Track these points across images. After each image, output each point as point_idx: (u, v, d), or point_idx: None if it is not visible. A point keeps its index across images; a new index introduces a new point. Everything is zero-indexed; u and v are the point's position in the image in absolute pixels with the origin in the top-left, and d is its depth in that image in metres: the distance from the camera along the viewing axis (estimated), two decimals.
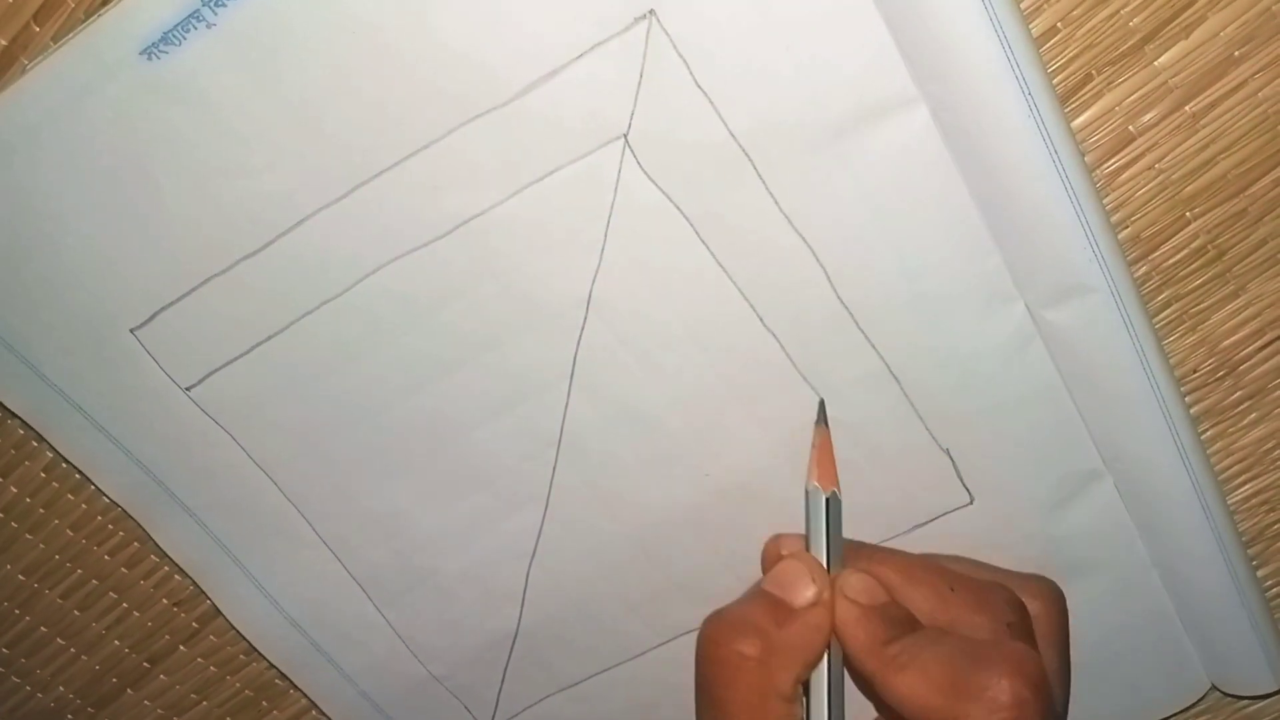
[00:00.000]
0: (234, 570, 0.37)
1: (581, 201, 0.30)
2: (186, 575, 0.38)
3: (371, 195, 0.30)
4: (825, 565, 0.31)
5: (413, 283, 0.31)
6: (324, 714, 0.41)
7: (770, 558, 0.32)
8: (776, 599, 0.30)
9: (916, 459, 0.33)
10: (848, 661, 0.30)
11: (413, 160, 0.29)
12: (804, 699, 0.30)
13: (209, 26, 0.27)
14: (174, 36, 0.27)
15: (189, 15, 0.27)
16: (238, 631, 0.38)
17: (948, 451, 0.33)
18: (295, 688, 0.41)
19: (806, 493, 0.31)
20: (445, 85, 0.28)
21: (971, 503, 0.34)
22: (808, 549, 0.31)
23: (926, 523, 0.35)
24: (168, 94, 0.28)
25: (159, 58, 0.27)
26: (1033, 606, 0.32)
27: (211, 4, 0.27)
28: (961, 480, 0.34)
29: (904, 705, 0.28)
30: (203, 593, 0.38)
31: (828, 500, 0.31)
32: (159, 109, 0.28)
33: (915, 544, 0.35)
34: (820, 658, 0.30)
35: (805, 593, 0.30)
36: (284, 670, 0.39)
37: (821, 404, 0.32)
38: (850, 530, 0.34)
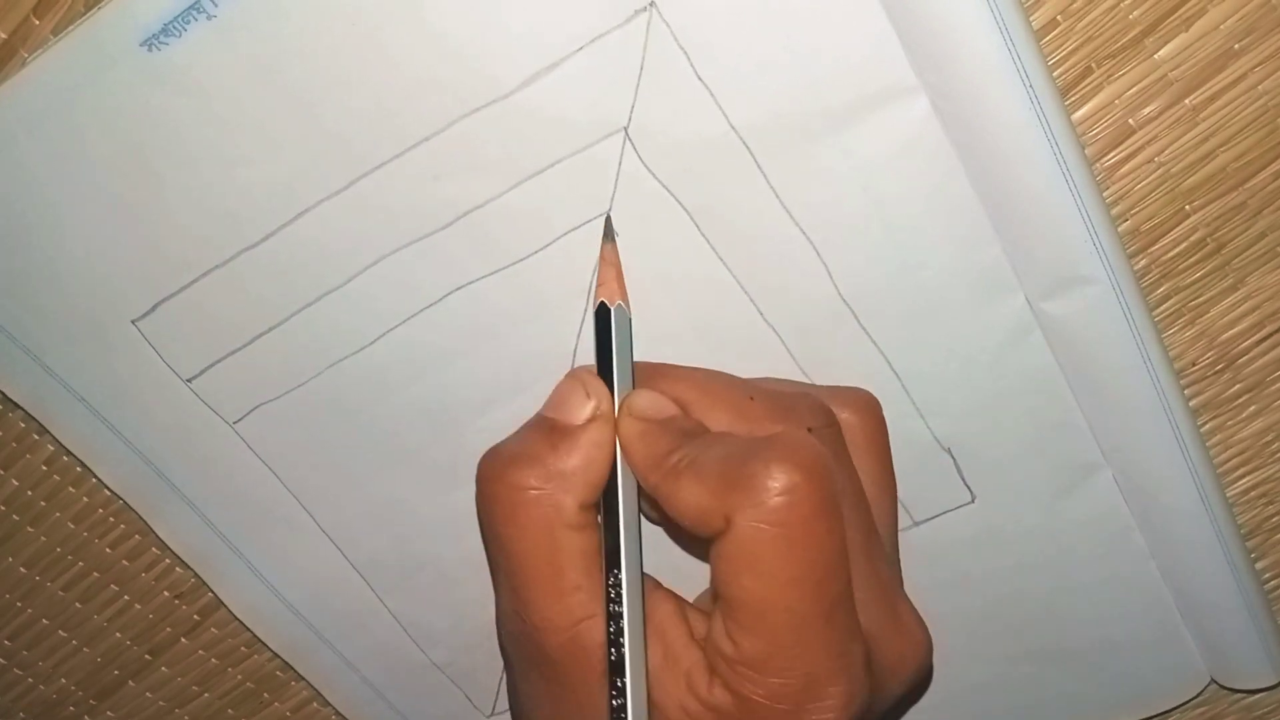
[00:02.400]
0: (234, 559, 0.37)
1: (582, 194, 0.30)
2: (188, 568, 0.38)
3: (372, 187, 0.30)
4: (611, 384, 0.29)
5: (413, 274, 0.31)
6: (326, 701, 0.41)
7: None
8: (554, 421, 0.28)
9: (917, 457, 0.33)
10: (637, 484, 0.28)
11: (413, 152, 0.29)
12: (599, 524, 0.29)
13: (209, 18, 0.27)
14: (174, 28, 0.27)
15: (189, 6, 0.27)
16: (239, 621, 0.38)
17: (949, 450, 0.33)
18: (296, 680, 0.41)
19: (593, 311, 0.29)
20: (446, 77, 0.28)
21: (973, 501, 0.34)
22: (599, 374, 0.29)
23: (926, 521, 0.35)
24: (168, 85, 0.28)
25: (159, 49, 0.27)
26: (845, 416, 0.30)
27: None
28: (963, 478, 0.34)
29: (681, 514, 0.27)
30: (204, 584, 0.38)
31: (613, 314, 0.29)
32: (160, 100, 0.28)
33: (916, 542, 0.35)
34: (604, 478, 0.28)
35: (582, 410, 0.28)
36: (285, 658, 0.39)
37: (608, 219, 0.30)
38: None
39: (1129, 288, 0.30)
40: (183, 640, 0.40)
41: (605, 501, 0.29)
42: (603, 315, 0.29)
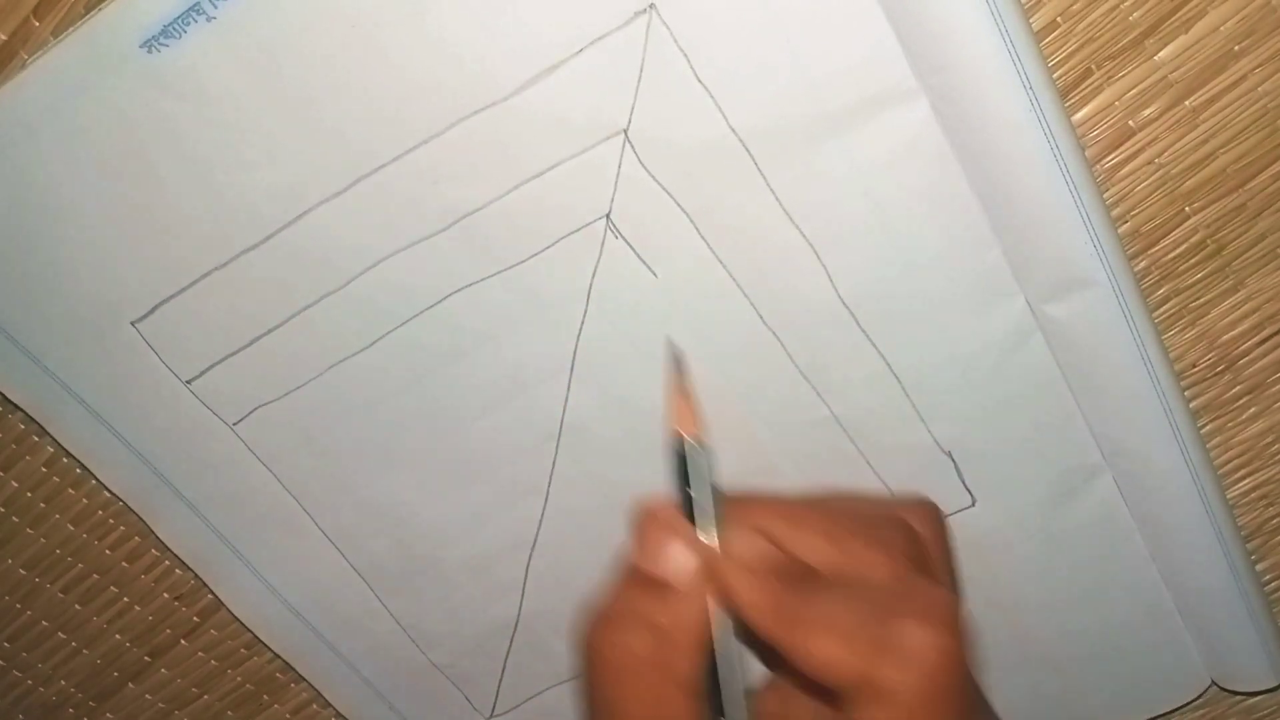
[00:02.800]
0: (235, 561, 0.37)
1: (582, 196, 0.30)
2: (187, 569, 0.38)
3: (372, 189, 0.30)
4: (699, 526, 0.28)
5: (413, 276, 0.31)
6: (326, 704, 0.41)
7: (637, 527, 0.29)
8: (654, 579, 0.27)
9: (919, 461, 0.33)
10: (746, 631, 0.27)
11: (413, 154, 0.29)
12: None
13: (209, 20, 0.27)
14: (174, 29, 0.27)
15: (189, 8, 0.27)
16: (240, 622, 0.38)
17: (950, 454, 0.33)
18: (295, 682, 0.41)
19: (673, 448, 0.28)
20: (445, 80, 0.28)
21: (974, 504, 0.34)
22: (681, 509, 0.28)
23: None
24: (168, 87, 0.28)
25: (159, 51, 0.27)
26: (918, 530, 0.30)
27: None
28: (964, 482, 0.34)
29: (817, 669, 0.26)
30: (204, 586, 0.38)
31: (696, 450, 0.28)
32: (160, 102, 0.28)
33: None
34: (707, 633, 0.27)
35: (684, 565, 0.27)
36: (286, 658, 0.39)
37: (671, 344, 0.30)
38: None
39: (1129, 289, 0.30)
40: (182, 642, 0.40)
41: (712, 655, 0.27)
42: (681, 453, 0.28)
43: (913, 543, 0.29)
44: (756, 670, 0.29)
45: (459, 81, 0.28)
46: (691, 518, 0.28)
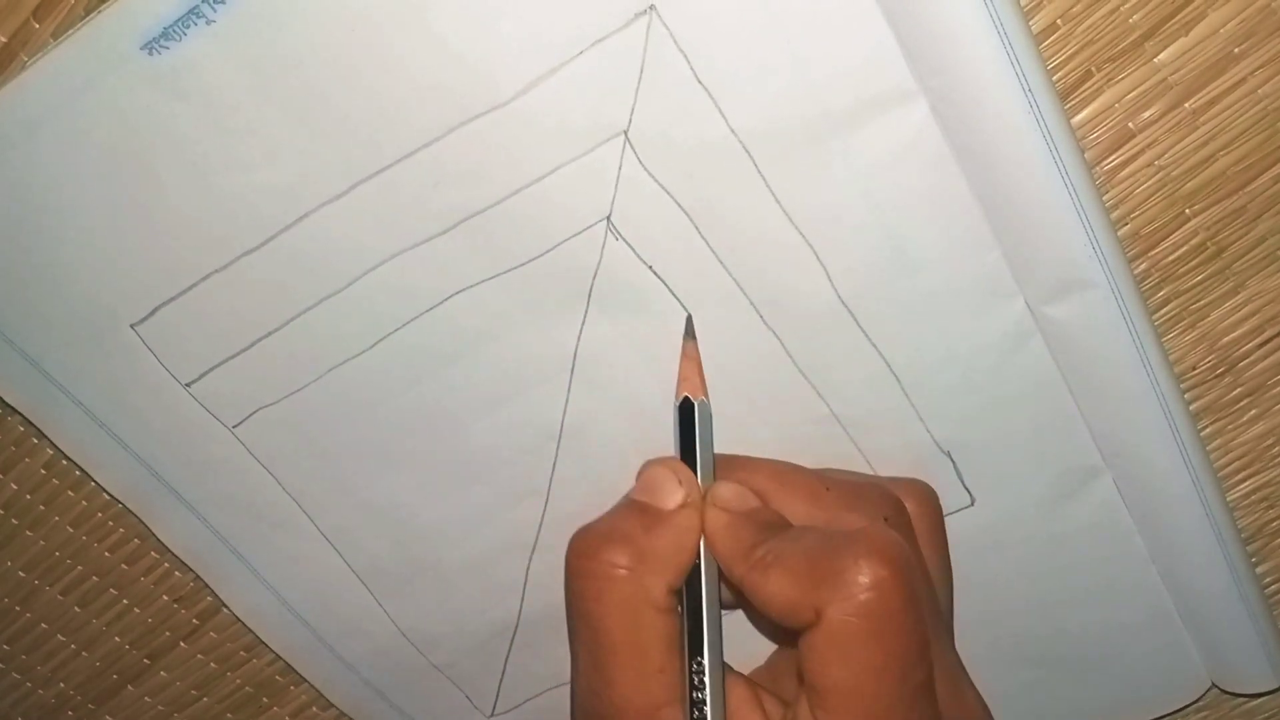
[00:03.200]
0: (235, 562, 0.37)
1: (582, 198, 0.30)
2: (187, 571, 0.38)
3: (372, 191, 0.30)
4: (695, 473, 0.30)
5: (414, 278, 0.31)
6: (325, 706, 0.41)
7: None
8: (645, 505, 0.29)
9: (917, 460, 0.33)
10: (721, 573, 0.29)
11: (414, 157, 0.29)
12: (679, 609, 0.29)
13: (209, 22, 0.27)
14: (174, 32, 0.27)
15: (189, 11, 0.27)
16: (241, 623, 0.38)
17: (949, 454, 0.33)
18: (295, 684, 0.41)
19: (676, 405, 0.31)
20: (446, 82, 0.28)
21: (972, 504, 0.34)
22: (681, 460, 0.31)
23: None
24: (168, 89, 0.28)
25: (160, 53, 0.27)
26: (909, 506, 0.31)
27: (212, 0, 0.27)
28: (962, 482, 0.34)
29: (769, 606, 0.28)
30: (203, 588, 0.38)
31: (696, 408, 0.31)
32: (159, 104, 0.28)
33: None
34: (691, 563, 0.29)
35: (673, 496, 0.29)
36: (286, 658, 0.39)
37: (689, 319, 0.31)
38: None
39: (1129, 292, 0.30)
40: (182, 644, 0.40)
41: (689, 589, 0.29)
42: (686, 409, 0.31)
43: (895, 510, 0.30)
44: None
45: (459, 84, 0.28)
46: (693, 469, 0.30)
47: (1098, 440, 0.33)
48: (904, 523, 0.30)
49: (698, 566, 0.29)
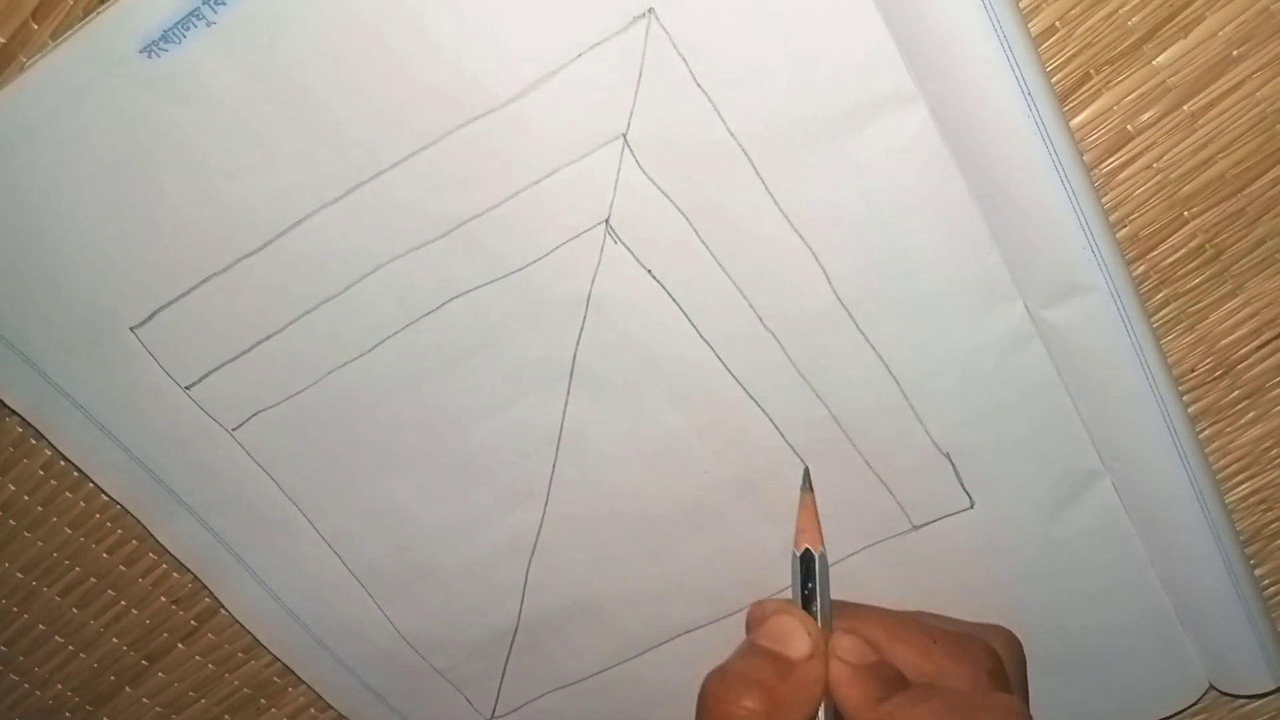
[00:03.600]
0: (234, 564, 0.37)
1: (581, 201, 0.30)
2: (185, 573, 0.38)
3: (371, 195, 0.30)
4: (816, 621, 0.31)
5: (412, 281, 0.31)
6: (323, 709, 0.41)
7: (756, 619, 0.33)
8: (774, 653, 0.31)
9: (916, 461, 0.33)
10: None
11: (411, 161, 0.29)
12: None
13: (209, 25, 0.27)
14: (174, 34, 0.27)
15: (189, 13, 0.27)
16: (240, 624, 0.38)
17: (948, 456, 0.33)
18: (293, 686, 0.41)
19: (795, 555, 0.32)
20: (444, 86, 0.28)
21: (971, 506, 0.34)
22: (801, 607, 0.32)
23: (924, 525, 0.35)
24: (167, 92, 0.28)
25: (159, 55, 0.27)
26: (1001, 655, 0.33)
27: (211, 2, 0.26)
28: (962, 484, 0.34)
29: None
30: (202, 590, 0.38)
31: (817, 560, 0.32)
32: (159, 107, 0.28)
33: (914, 547, 0.35)
34: (815, 713, 0.30)
35: (802, 645, 0.30)
36: (285, 661, 0.39)
37: (806, 471, 0.33)
38: (849, 533, 0.35)
39: (1128, 294, 0.30)
40: (180, 646, 0.40)
41: None
42: (808, 560, 0.32)
43: (996, 663, 0.32)
44: None
45: (458, 88, 0.28)
46: (813, 617, 0.32)
47: (1097, 443, 0.33)
48: (1003, 674, 0.32)
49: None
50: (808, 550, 0.32)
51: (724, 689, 0.30)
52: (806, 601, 0.32)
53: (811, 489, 0.33)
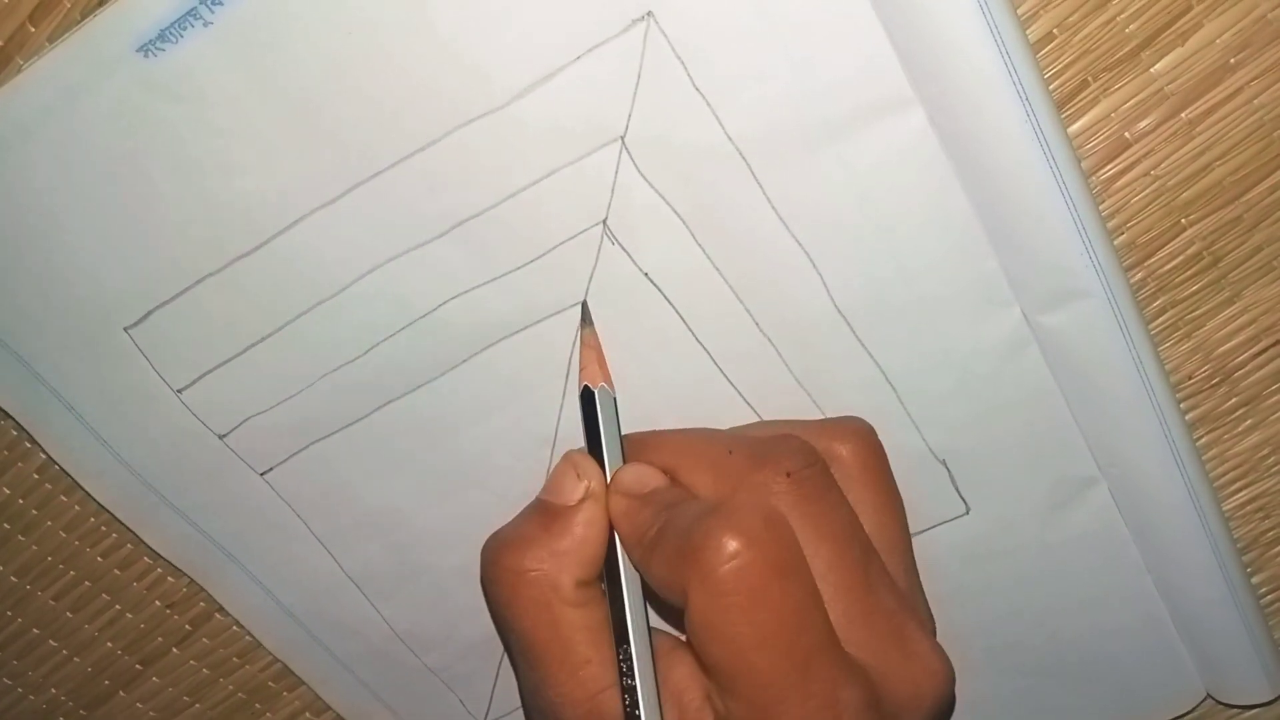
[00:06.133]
0: (229, 564, 0.37)
1: (578, 203, 0.30)
2: (180, 576, 0.38)
3: (367, 196, 0.30)
4: (601, 463, 0.30)
5: (408, 283, 0.31)
6: (318, 712, 0.41)
7: None
8: (548, 504, 0.30)
9: (912, 467, 0.33)
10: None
11: (409, 162, 0.29)
12: (605, 599, 0.30)
13: (206, 25, 0.27)
14: (171, 34, 0.27)
15: (186, 13, 0.27)
16: (235, 630, 0.38)
17: (944, 462, 0.33)
18: (288, 690, 0.41)
19: (580, 395, 0.31)
20: (442, 87, 0.28)
21: (967, 512, 0.34)
22: (590, 453, 0.30)
23: (921, 532, 0.35)
24: (164, 92, 0.28)
25: (156, 55, 0.27)
26: (837, 448, 0.30)
27: (209, 2, 0.26)
28: (957, 490, 0.34)
29: (654, 589, 0.28)
30: (197, 594, 0.38)
31: (598, 395, 0.31)
32: (155, 107, 0.28)
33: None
34: (601, 554, 0.29)
35: (574, 491, 0.29)
36: (283, 659, 0.39)
37: (584, 305, 0.31)
38: None
39: (1125, 301, 0.30)
40: (174, 650, 0.40)
41: (608, 576, 0.29)
42: (588, 398, 0.31)
43: (804, 460, 0.28)
44: None
45: (456, 89, 0.28)
46: (600, 459, 0.30)
47: (1093, 449, 0.33)
48: (814, 473, 0.28)
49: (613, 555, 0.29)
50: (586, 387, 0.31)
51: (502, 553, 0.29)
52: (593, 444, 0.30)
53: (591, 324, 0.31)
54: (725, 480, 0.29)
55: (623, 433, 0.31)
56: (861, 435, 0.31)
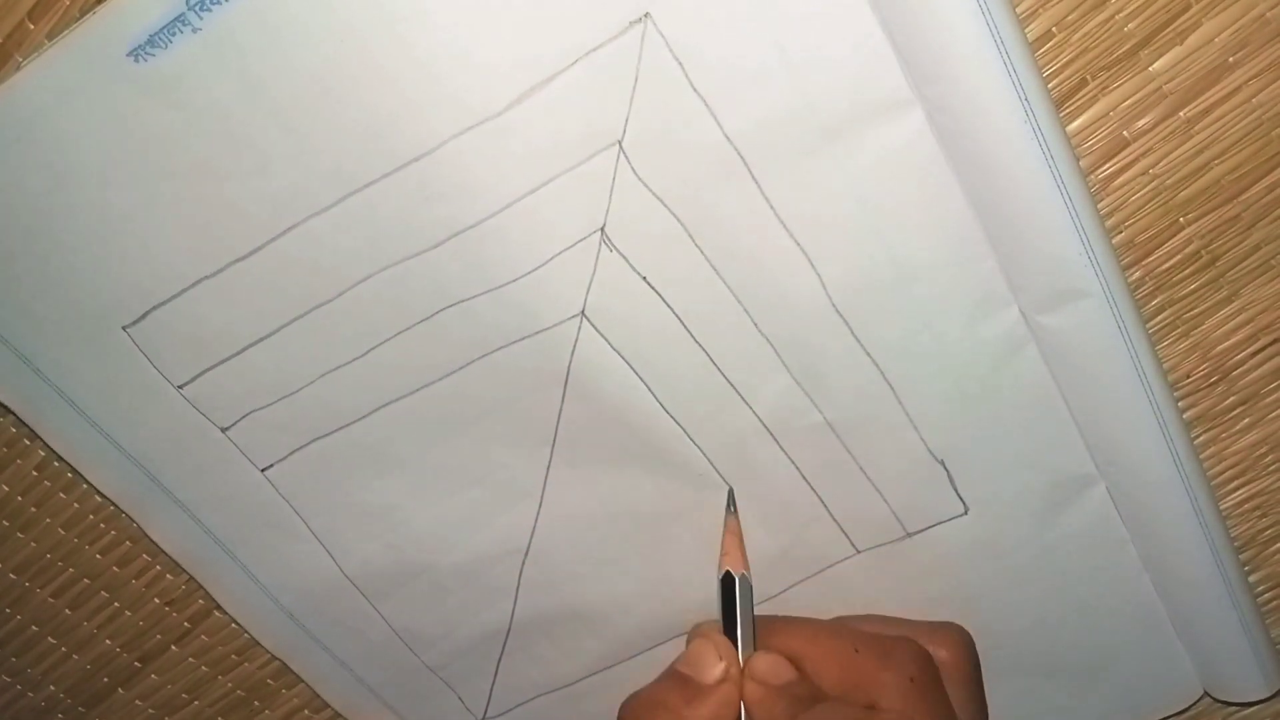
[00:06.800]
0: (228, 562, 0.37)
1: (576, 210, 0.30)
2: (179, 574, 0.38)
3: (361, 204, 0.29)
4: (736, 645, 0.32)
5: (405, 290, 0.31)
6: (318, 707, 0.41)
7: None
8: (687, 678, 0.32)
9: (911, 467, 0.33)
10: None
11: (403, 171, 0.29)
12: None
13: (194, 30, 0.27)
14: (160, 39, 0.27)
15: (175, 19, 0.26)
16: (233, 627, 0.38)
17: (942, 462, 0.33)
18: (287, 688, 0.41)
19: (719, 579, 0.33)
20: (437, 94, 0.28)
21: (966, 513, 0.34)
22: (724, 631, 0.32)
23: (919, 532, 0.35)
24: (155, 96, 0.28)
25: (146, 60, 0.27)
26: (941, 655, 0.33)
27: (196, 8, 0.26)
28: (956, 490, 0.34)
29: None
30: (195, 591, 0.38)
31: (738, 582, 0.33)
32: (148, 110, 0.28)
33: (909, 553, 0.35)
34: None
35: (714, 670, 0.31)
36: (282, 658, 0.39)
37: (730, 493, 0.34)
38: (842, 540, 0.34)
39: (1123, 300, 0.30)
40: (173, 648, 0.40)
41: None
42: (728, 584, 0.33)
43: (922, 666, 0.32)
44: None
45: (451, 96, 0.28)
46: (734, 639, 0.32)
47: (1091, 449, 0.33)
48: (931, 678, 0.32)
49: None
50: (728, 573, 0.33)
51: (635, 712, 0.32)
52: (729, 625, 0.32)
53: (735, 511, 0.34)
54: (851, 677, 0.31)
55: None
56: (962, 644, 0.34)
